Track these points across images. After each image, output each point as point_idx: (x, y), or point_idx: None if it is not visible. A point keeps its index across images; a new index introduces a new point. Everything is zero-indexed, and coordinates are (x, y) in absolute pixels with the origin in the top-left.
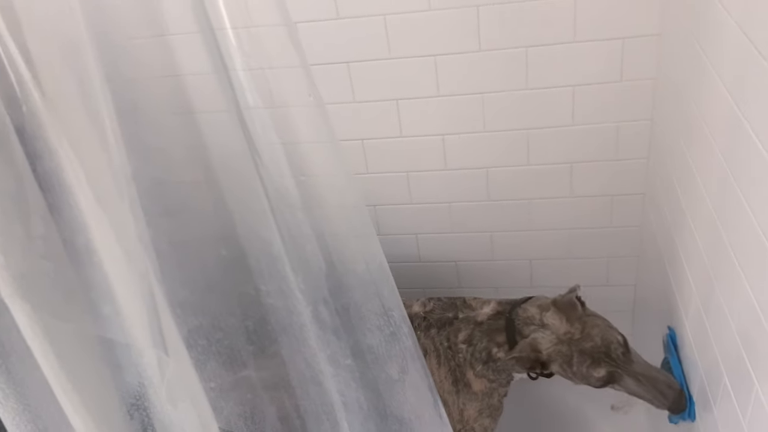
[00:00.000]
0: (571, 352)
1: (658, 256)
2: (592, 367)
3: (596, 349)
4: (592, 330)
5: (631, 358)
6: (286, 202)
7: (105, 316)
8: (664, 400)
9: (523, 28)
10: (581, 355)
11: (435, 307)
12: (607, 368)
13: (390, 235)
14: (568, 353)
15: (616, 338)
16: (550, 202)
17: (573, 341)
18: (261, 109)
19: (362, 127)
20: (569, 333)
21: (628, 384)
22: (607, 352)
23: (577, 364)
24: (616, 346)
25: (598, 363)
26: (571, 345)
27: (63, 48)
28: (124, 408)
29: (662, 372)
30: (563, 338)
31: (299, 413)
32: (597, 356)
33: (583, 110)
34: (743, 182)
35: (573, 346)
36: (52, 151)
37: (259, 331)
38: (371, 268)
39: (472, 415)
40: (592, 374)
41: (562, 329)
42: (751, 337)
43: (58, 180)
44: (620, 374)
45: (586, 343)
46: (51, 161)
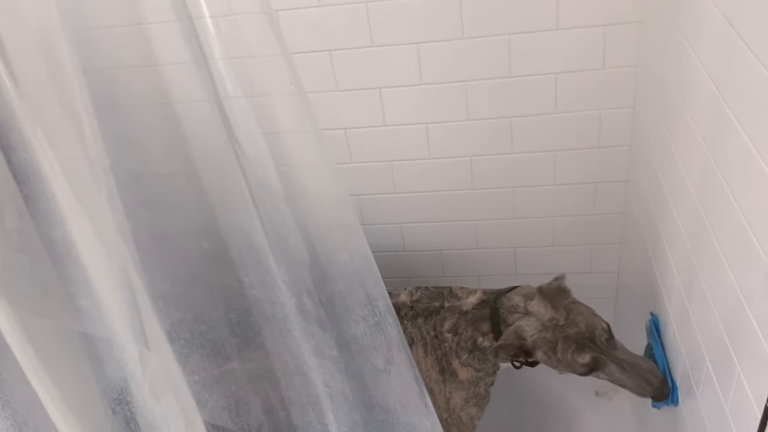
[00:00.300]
0: (555, 338)
1: (641, 243)
2: (577, 352)
3: (581, 334)
4: (576, 316)
5: (615, 345)
6: (268, 193)
7: (84, 310)
8: (648, 387)
9: (506, 16)
10: (566, 341)
11: (422, 297)
12: (592, 354)
13: (374, 225)
14: (553, 339)
15: (600, 324)
16: (533, 190)
17: (557, 327)
18: (241, 99)
19: (345, 116)
20: (554, 319)
21: (612, 371)
22: (591, 338)
23: (561, 350)
24: (600, 332)
25: (583, 348)
26: (556, 331)
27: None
28: (107, 403)
29: (645, 360)
30: (548, 324)
31: (284, 405)
32: (581, 342)
33: (566, 98)
34: (726, 169)
35: (557, 333)
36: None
37: (243, 323)
38: (355, 258)
39: (459, 404)
40: (577, 360)
41: (546, 316)
42: (733, 322)
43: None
44: (604, 360)
45: (571, 329)
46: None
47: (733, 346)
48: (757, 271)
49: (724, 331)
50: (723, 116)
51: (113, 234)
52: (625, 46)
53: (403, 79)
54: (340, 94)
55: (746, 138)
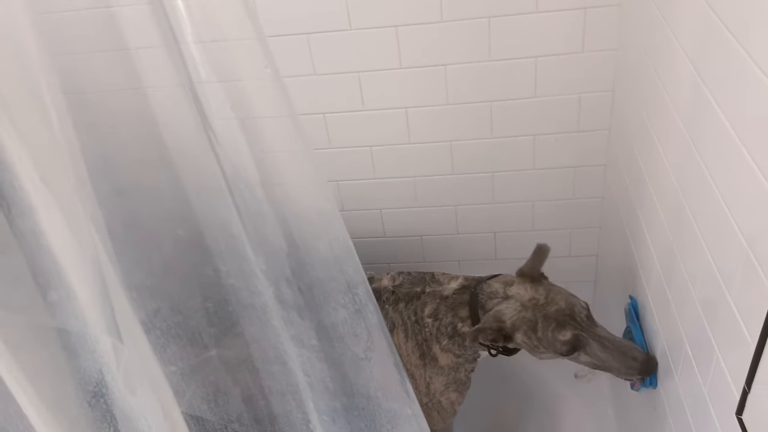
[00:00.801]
0: (535, 317)
1: (620, 227)
2: (558, 330)
3: (561, 312)
4: (556, 296)
5: (595, 323)
6: (244, 180)
7: (55, 302)
8: (635, 362)
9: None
10: (546, 319)
11: (404, 282)
12: (572, 331)
13: (354, 211)
14: (533, 318)
15: (579, 303)
16: (513, 174)
17: (537, 306)
18: (215, 84)
19: (323, 100)
20: (534, 299)
21: (594, 349)
22: (571, 315)
23: (542, 329)
24: (579, 310)
25: (563, 326)
26: (536, 310)
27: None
28: (82, 396)
29: (625, 339)
30: (527, 304)
31: (264, 394)
32: (562, 319)
33: (546, 82)
34: (705, 152)
35: (537, 312)
36: None
37: (220, 312)
38: (334, 245)
39: (439, 389)
40: (558, 338)
41: (526, 296)
42: (712, 306)
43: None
44: (585, 338)
45: (551, 308)
46: None
47: (712, 330)
48: (737, 256)
49: (704, 315)
50: (702, 98)
51: (85, 223)
52: (604, 30)
53: (382, 63)
54: (318, 78)
55: (725, 120)
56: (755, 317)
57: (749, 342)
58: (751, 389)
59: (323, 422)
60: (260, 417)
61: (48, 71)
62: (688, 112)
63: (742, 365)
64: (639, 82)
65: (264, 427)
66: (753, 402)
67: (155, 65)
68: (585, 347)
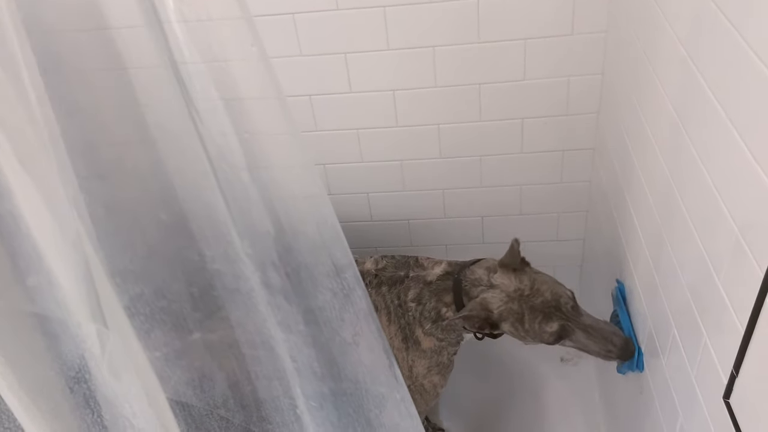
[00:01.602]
0: (522, 309)
1: (608, 211)
2: (544, 322)
3: (547, 304)
4: (541, 286)
5: (580, 312)
6: (229, 163)
7: (35, 287)
8: (613, 347)
9: None
10: (532, 311)
11: (387, 265)
12: (559, 322)
13: (341, 195)
14: (519, 310)
15: (565, 293)
16: (501, 158)
17: (523, 298)
18: (199, 64)
19: (310, 82)
20: (519, 290)
21: (579, 337)
22: (557, 306)
23: (528, 320)
24: (566, 300)
25: (550, 317)
26: (522, 302)
27: None
28: (64, 382)
29: (609, 324)
30: (513, 296)
31: (250, 379)
32: (548, 311)
33: (535, 64)
34: (695, 135)
35: (523, 303)
36: None
37: (206, 297)
38: (322, 229)
39: (421, 372)
40: (545, 329)
41: (511, 287)
42: (700, 289)
43: None
44: (571, 327)
45: (537, 299)
46: None
47: (700, 314)
48: (726, 240)
49: (692, 299)
50: (693, 82)
51: (65, 207)
52: (594, 12)
53: (369, 45)
54: (304, 59)
55: (717, 103)
56: (745, 301)
57: (738, 326)
58: (740, 373)
59: (310, 407)
60: (246, 402)
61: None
62: (678, 96)
63: (731, 349)
64: (629, 65)
65: (250, 413)
66: (741, 386)
67: (137, 45)
68: (570, 336)
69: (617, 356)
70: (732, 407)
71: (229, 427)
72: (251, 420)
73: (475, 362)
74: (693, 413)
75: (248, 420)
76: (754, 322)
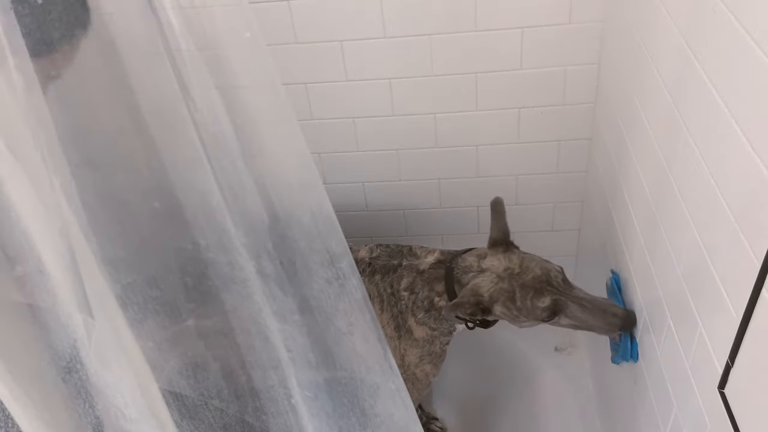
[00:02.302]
0: (512, 287)
1: (603, 201)
2: (536, 297)
3: (537, 279)
4: (530, 263)
5: (571, 285)
6: (224, 150)
7: (23, 276)
8: (615, 319)
9: None
10: (523, 288)
11: (381, 254)
12: (551, 296)
13: (336, 184)
14: (510, 289)
15: (554, 267)
16: (497, 148)
17: (513, 276)
18: (194, 51)
19: (305, 70)
20: (509, 269)
21: (574, 311)
22: (548, 281)
23: (520, 298)
24: (555, 274)
25: (542, 292)
26: (512, 280)
27: None
28: (55, 372)
29: (603, 298)
30: (503, 275)
31: (244, 369)
32: (539, 286)
33: (532, 53)
34: (693, 124)
35: (514, 281)
36: None
37: (199, 287)
38: (318, 218)
39: (413, 361)
40: (537, 305)
41: (500, 267)
42: (696, 279)
43: None
44: (564, 301)
45: (527, 276)
46: None
47: (696, 304)
48: (723, 229)
49: (687, 289)
50: (691, 70)
51: (55, 194)
52: (591, 1)
53: (365, 32)
54: (299, 47)
55: (714, 91)
56: (741, 291)
57: (734, 316)
58: (735, 363)
59: (305, 397)
60: (241, 393)
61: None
62: (676, 85)
63: (726, 339)
64: (626, 53)
65: (245, 403)
66: (736, 376)
67: (131, 32)
68: (565, 310)
69: (620, 327)
70: (727, 397)
71: (224, 417)
72: (246, 410)
73: (470, 352)
74: (687, 403)
75: (243, 410)
76: (751, 312)
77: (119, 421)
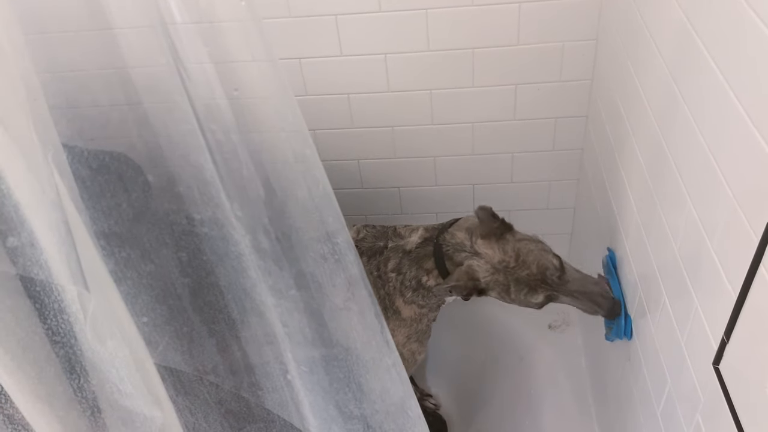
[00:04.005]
0: (507, 281)
1: (600, 179)
2: (530, 294)
3: (532, 277)
4: (527, 257)
5: (566, 279)
6: (218, 123)
7: (16, 248)
8: (600, 309)
9: None
10: (518, 284)
11: (367, 235)
12: (545, 293)
13: (330, 161)
14: (505, 282)
15: (551, 263)
16: (494, 125)
17: (508, 270)
18: (188, 24)
19: (299, 45)
20: (504, 261)
21: (566, 301)
22: (542, 279)
23: (514, 292)
24: (552, 272)
25: (535, 290)
26: (507, 274)
27: None
28: (49, 347)
29: (597, 283)
30: (498, 267)
31: (240, 345)
32: (533, 284)
33: (529, 28)
34: (692, 100)
35: (509, 275)
36: None
37: (194, 262)
38: (314, 192)
39: (401, 341)
40: (531, 300)
41: (496, 258)
42: (692, 255)
43: None
44: (557, 296)
45: (522, 272)
46: None
47: (691, 280)
48: (721, 205)
49: (683, 265)
50: (691, 45)
51: (46, 166)
52: None
53: (360, 6)
54: (293, 20)
55: (714, 66)
56: (738, 267)
57: (731, 292)
58: (730, 339)
59: (301, 372)
60: (236, 368)
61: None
62: (675, 60)
63: (722, 315)
64: (624, 30)
65: (240, 378)
66: (731, 352)
67: (124, 5)
68: (556, 300)
69: (604, 315)
70: (721, 373)
71: (219, 393)
72: (241, 386)
73: (462, 329)
74: (681, 379)
75: (238, 386)
76: (748, 288)
77: (114, 396)
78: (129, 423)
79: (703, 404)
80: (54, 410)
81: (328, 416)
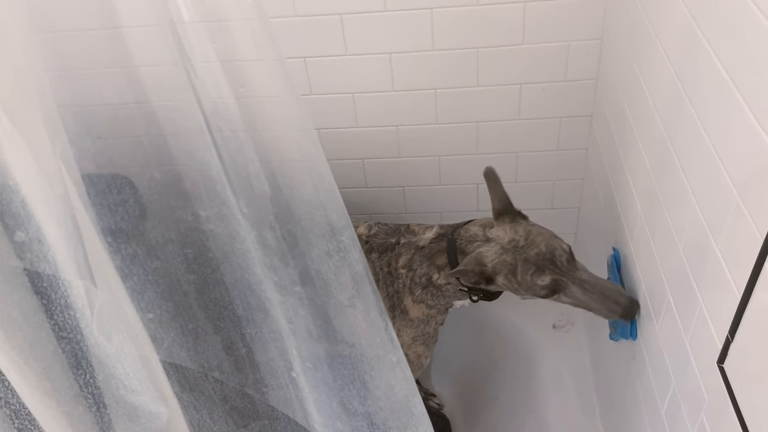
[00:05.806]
0: (515, 261)
1: (604, 179)
2: (536, 274)
3: (541, 256)
4: (536, 238)
5: (576, 266)
6: (225, 120)
7: (23, 243)
8: (617, 306)
9: None
10: (525, 263)
11: (379, 232)
12: (552, 275)
13: (335, 161)
14: (512, 262)
15: (561, 246)
16: (498, 125)
17: (517, 249)
18: (196, 23)
19: (304, 44)
20: (514, 241)
21: (574, 292)
22: (551, 259)
23: (521, 272)
24: (560, 253)
25: (543, 270)
26: (516, 253)
27: None
28: (55, 342)
29: (609, 281)
30: (507, 247)
31: (245, 342)
32: (541, 263)
33: (533, 28)
34: (696, 98)
35: (517, 255)
36: None
37: (200, 258)
38: (320, 190)
39: (406, 342)
40: (537, 282)
41: (506, 238)
42: (697, 254)
43: None
44: (565, 282)
45: (531, 251)
46: None
47: (696, 279)
48: (725, 203)
49: (688, 264)
50: (697, 44)
51: (54, 162)
52: None
53: (365, 5)
54: (298, 20)
55: (720, 65)
56: (743, 265)
57: (735, 290)
58: (735, 338)
59: (306, 369)
60: (241, 365)
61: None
62: (680, 58)
63: (727, 314)
64: (630, 29)
65: (245, 375)
66: (736, 351)
67: (131, 4)
68: (565, 290)
69: (621, 315)
70: (726, 372)
71: (224, 390)
72: (246, 382)
73: (467, 328)
74: (686, 379)
75: (243, 382)
76: (752, 286)
77: (120, 392)
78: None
79: (708, 403)
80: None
81: (333, 413)
